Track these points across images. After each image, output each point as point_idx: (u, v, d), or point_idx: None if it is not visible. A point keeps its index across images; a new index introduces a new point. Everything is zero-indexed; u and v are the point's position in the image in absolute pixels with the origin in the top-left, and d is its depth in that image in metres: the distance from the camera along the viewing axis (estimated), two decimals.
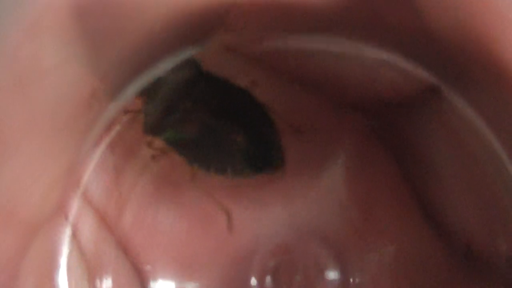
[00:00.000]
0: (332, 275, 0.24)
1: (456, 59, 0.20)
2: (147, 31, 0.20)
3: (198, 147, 0.22)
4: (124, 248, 0.23)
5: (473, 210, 0.23)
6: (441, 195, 0.23)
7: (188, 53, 0.23)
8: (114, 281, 0.23)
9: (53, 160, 0.22)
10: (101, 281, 0.24)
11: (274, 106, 0.23)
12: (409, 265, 0.23)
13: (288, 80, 0.23)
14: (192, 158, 0.22)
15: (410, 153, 0.23)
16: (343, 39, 0.22)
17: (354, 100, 0.23)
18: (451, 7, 0.17)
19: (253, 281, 0.24)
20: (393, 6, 0.18)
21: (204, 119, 0.22)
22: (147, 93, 0.22)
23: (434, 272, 0.23)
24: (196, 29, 0.21)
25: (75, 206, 0.24)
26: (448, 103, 0.22)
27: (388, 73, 0.22)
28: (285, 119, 0.23)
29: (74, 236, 0.23)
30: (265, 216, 0.24)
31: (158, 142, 0.22)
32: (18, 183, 0.20)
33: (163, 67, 0.23)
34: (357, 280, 0.24)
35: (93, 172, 0.24)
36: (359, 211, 0.23)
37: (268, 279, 0.24)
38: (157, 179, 0.24)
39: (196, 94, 0.22)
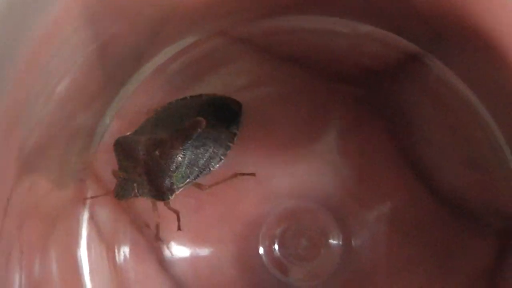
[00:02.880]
0: (335, 238, 0.26)
1: (433, 26, 0.22)
2: (148, 26, 0.22)
3: (198, 163, 0.25)
4: (138, 226, 0.25)
5: (460, 167, 0.25)
6: (430, 154, 0.25)
7: (187, 41, 0.25)
8: (131, 253, 0.26)
9: (68, 156, 0.24)
10: (119, 253, 0.26)
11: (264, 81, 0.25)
12: (405, 221, 0.25)
13: (279, 58, 0.25)
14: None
15: (399, 117, 0.25)
16: (326, 17, 0.24)
17: (342, 71, 0.25)
18: None
19: (261, 249, 0.26)
20: None
21: (176, 145, 0.24)
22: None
23: (428, 227, 0.25)
24: (186, 20, 0.23)
25: (91, 192, 0.26)
26: (429, 69, 0.24)
27: (371, 45, 0.24)
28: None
29: (92, 218, 0.25)
30: (267, 187, 0.26)
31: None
32: (40, 185, 0.22)
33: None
34: (358, 241, 0.26)
35: (105, 161, 0.25)
36: (353, 173, 0.25)
37: (275, 246, 0.26)
38: None
39: (148, 146, 0.24)
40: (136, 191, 0.24)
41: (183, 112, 0.25)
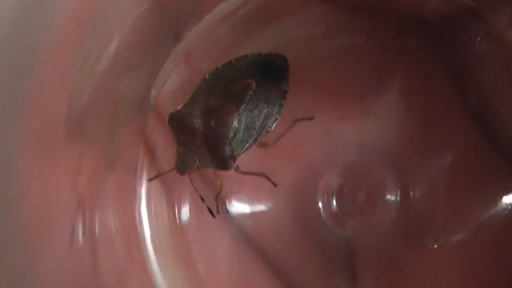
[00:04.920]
0: (393, 192, 0.26)
1: None
2: None
3: (255, 125, 0.25)
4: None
5: None
6: (495, 107, 0.25)
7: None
8: (191, 206, 0.26)
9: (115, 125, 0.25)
10: (179, 206, 0.26)
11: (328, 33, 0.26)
12: (465, 175, 0.25)
13: (343, 8, 0.25)
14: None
15: (462, 71, 0.26)
16: None
17: (407, 23, 0.25)
18: None
19: (320, 203, 0.26)
20: None
21: (230, 112, 0.25)
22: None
23: (488, 180, 0.25)
24: None
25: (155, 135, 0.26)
26: (490, 24, 0.25)
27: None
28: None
29: (153, 162, 0.25)
30: (329, 140, 0.26)
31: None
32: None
33: None
34: (417, 194, 0.26)
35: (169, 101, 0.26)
36: (416, 126, 0.26)
37: (333, 201, 0.26)
38: None
39: (203, 117, 0.25)
40: (198, 163, 0.24)
41: (231, 76, 0.25)
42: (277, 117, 0.25)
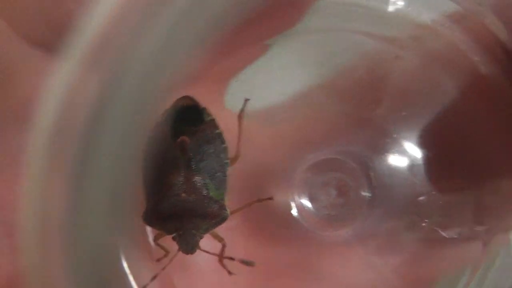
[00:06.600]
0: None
1: None
2: None
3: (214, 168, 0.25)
4: None
5: None
6: None
7: None
8: None
9: None
10: None
11: None
12: None
13: None
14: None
15: None
16: None
17: None
18: None
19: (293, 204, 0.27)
20: None
21: (189, 176, 0.24)
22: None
23: None
24: None
25: None
26: None
27: None
28: None
29: None
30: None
31: None
32: None
33: None
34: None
35: None
36: None
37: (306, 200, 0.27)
38: None
39: (172, 200, 0.24)
40: (198, 234, 0.24)
41: (161, 148, 0.24)
42: (224, 145, 0.25)
